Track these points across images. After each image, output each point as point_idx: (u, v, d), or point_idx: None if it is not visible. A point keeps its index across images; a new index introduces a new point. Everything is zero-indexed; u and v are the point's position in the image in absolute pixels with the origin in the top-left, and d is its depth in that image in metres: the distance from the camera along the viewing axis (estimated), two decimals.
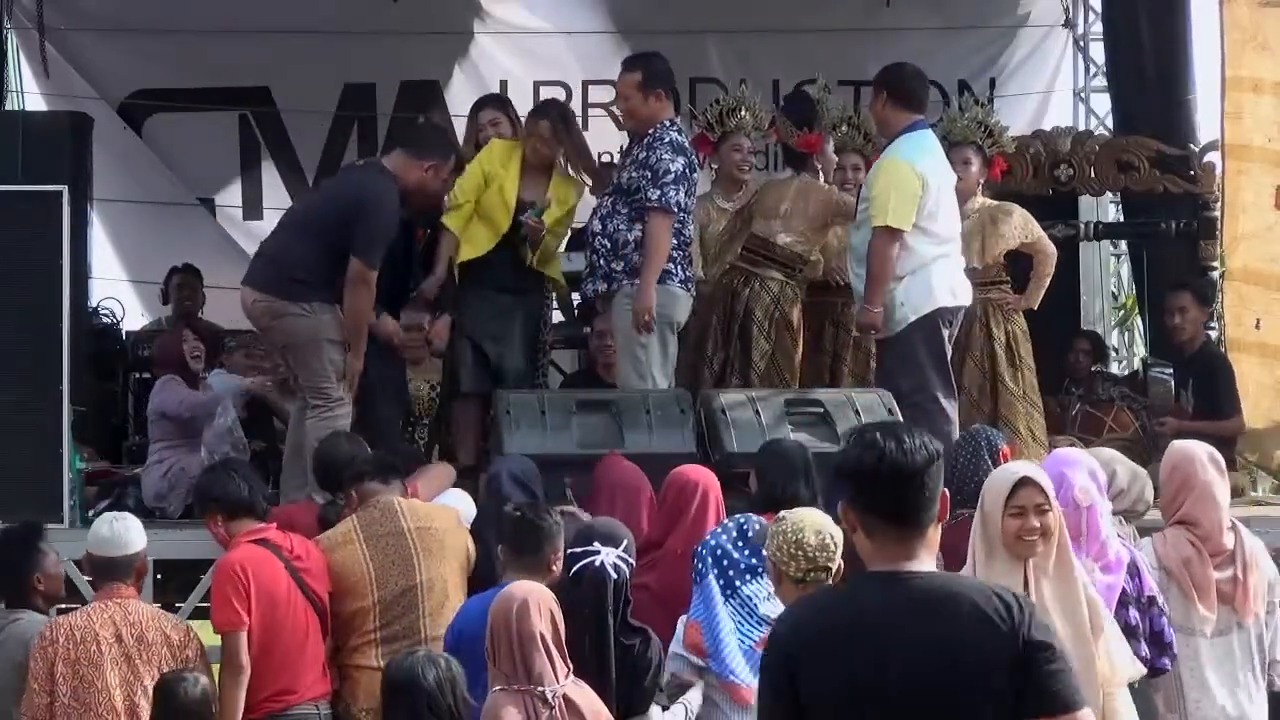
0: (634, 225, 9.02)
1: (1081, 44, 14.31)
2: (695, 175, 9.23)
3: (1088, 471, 6.51)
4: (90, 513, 9.04)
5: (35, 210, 8.74)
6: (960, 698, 3.94)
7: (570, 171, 9.52)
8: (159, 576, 8.60)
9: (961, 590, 4.03)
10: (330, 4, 13.41)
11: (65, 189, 8.75)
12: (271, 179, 13.81)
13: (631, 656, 6.29)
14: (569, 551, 6.40)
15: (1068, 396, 11.22)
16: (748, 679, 6.33)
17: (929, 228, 8.84)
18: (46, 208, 8.70)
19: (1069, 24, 14.37)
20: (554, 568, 6.38)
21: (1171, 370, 11.11)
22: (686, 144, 9.21)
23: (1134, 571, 6.55)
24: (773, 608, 6.31)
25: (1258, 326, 10.16)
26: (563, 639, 5.81)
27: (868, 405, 8.66)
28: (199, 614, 8.02)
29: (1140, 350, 13.32)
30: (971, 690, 3.94)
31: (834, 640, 4.01)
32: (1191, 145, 11.40)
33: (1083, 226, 11.59)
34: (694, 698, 6.48)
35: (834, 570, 5.82)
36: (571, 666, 5.82)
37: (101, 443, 10.33)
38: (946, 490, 4.11)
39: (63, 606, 8.52)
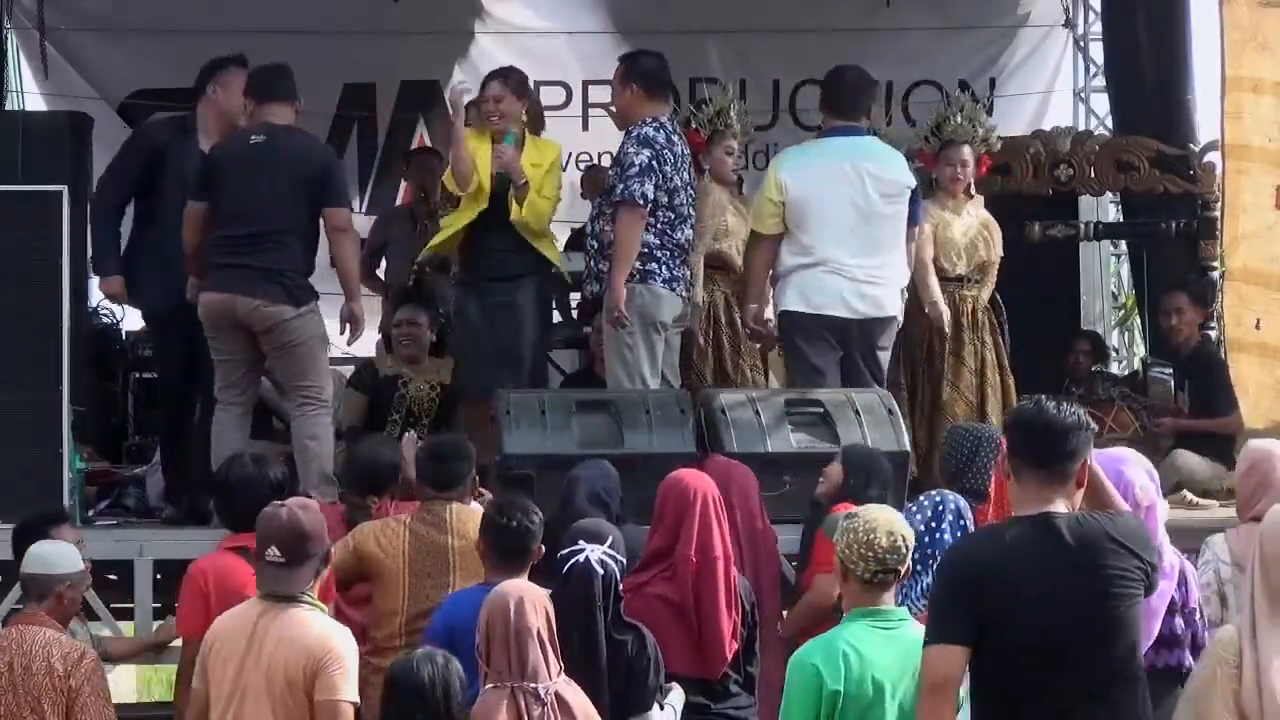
0: (614, 224, 9.02)
1: (1081, 44, 14.31)
2: (669, 168, 9.04)
3: (1145, 470, 6.53)
4: (90, 512, 9.06)
5: (35, 210, 8.75)
6: (1106, 615, 5.10)
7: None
8: (159, 577, 8.60)
9: (1101, 528, 5.15)
10: (330, 4, 13.42)
11: (65, 189, 8.75)
12: None
13: (626, 655, 6.28)
14: (559, 554, 6.42)
15: (1067, 396, 11.21)
16: None
17: (797, 236, 9.00)
18: (46, 208, 8.70)
19: (1069, 24, 14.37)
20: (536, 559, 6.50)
21: (1170, 370, 11.12)
22: (661, 138, 9.05)
23: (1182, 581, 6.54)
24: None
25: (1258, 326, 10.14)
26: (555, 637, 5.82)
27: (868, 405, 8.67)
28: None
29: (1140, 350, 13.32)
30: (1115, 609, 5.11)
31: (1013, 567, 5.10)
32: (1191, 145, 11.40)
33: (1083, 226, 11.59)
34: (676, 698, 6.48)
35: (903, 573, 5.73)
36: (563, 665, 5.83)
37: (101, 443, 10.33)
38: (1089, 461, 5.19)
39: None
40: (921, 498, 7.20)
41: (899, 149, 9.50)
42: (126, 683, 15.78)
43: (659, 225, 9.00)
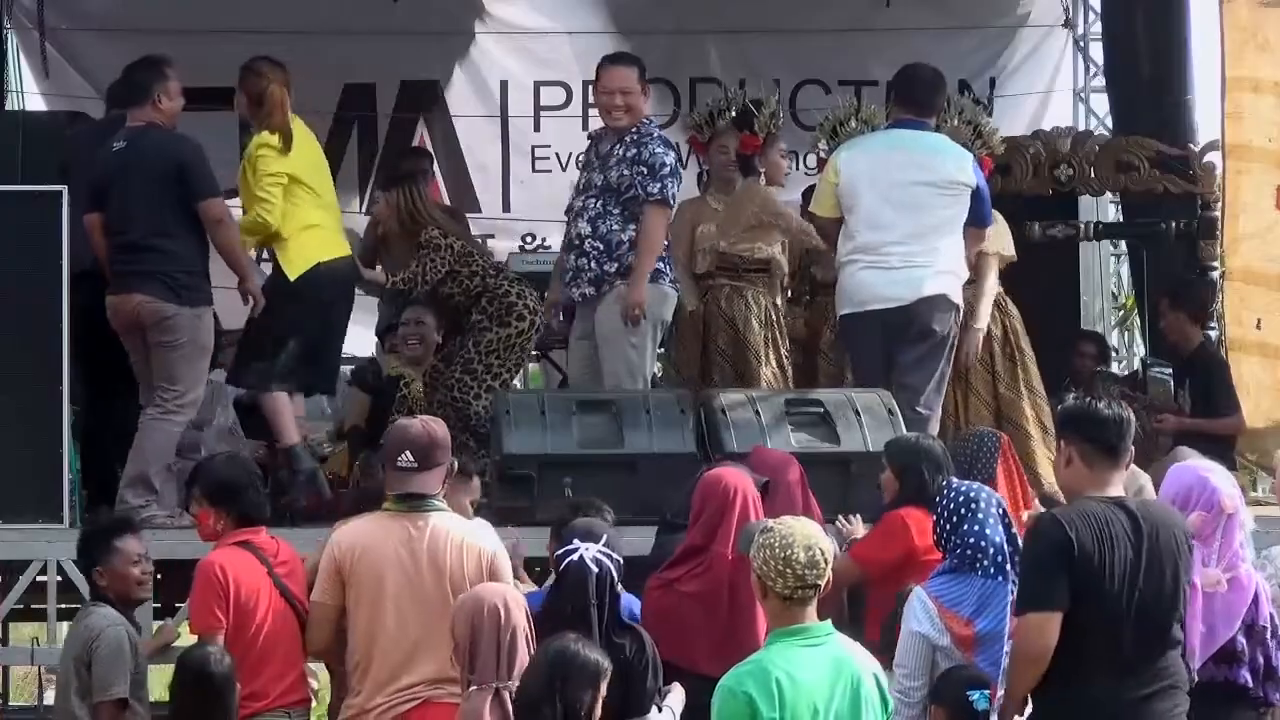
0: (628, 225, 9.01)
1: (1081, 44, 14.31)
2: (681, 173, 9.26)
3: (1228, 479, 6.54)
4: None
5: (35, 210, 8.74)
6: (1172, 592, 5.87)
7: None
8: (159, 576, 8.59)
9: (1159, 512, 6.03)
10: (330, 4, 13.41)
11: (65, 189, 8.75)
12: None
13: (624, 656, 6.26)
14: (554, 554, 6.44)
15: (1068, 396, 11.20)
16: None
17: (846, 220, 9.04)
18: (46, 208, 8.69)
19: (1069, 24, 14.36)
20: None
21: (1170, 370, 11.12)
22: (672, 139, 9.26)
23: (1255, 598, 6.53)
24: None
25: (1258, 326, 10.15)
26: (532, 639, 5.89)
27: (868, 405, 8.66)
28: None
29: (1140, 350, 13.32)
30: (1177, 588, 5.88)
31: (1100, 540, 5.81)
32: (1191, 145, 11.39)
33: (1083, 226, 11.58)
34: (676, 700, 6.45)
35: (823, 586, 5.68)
36: None
37: None
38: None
39: (62, 607, 8.58)
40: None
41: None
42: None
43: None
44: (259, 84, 8.94)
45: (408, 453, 6.64)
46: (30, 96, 13.53)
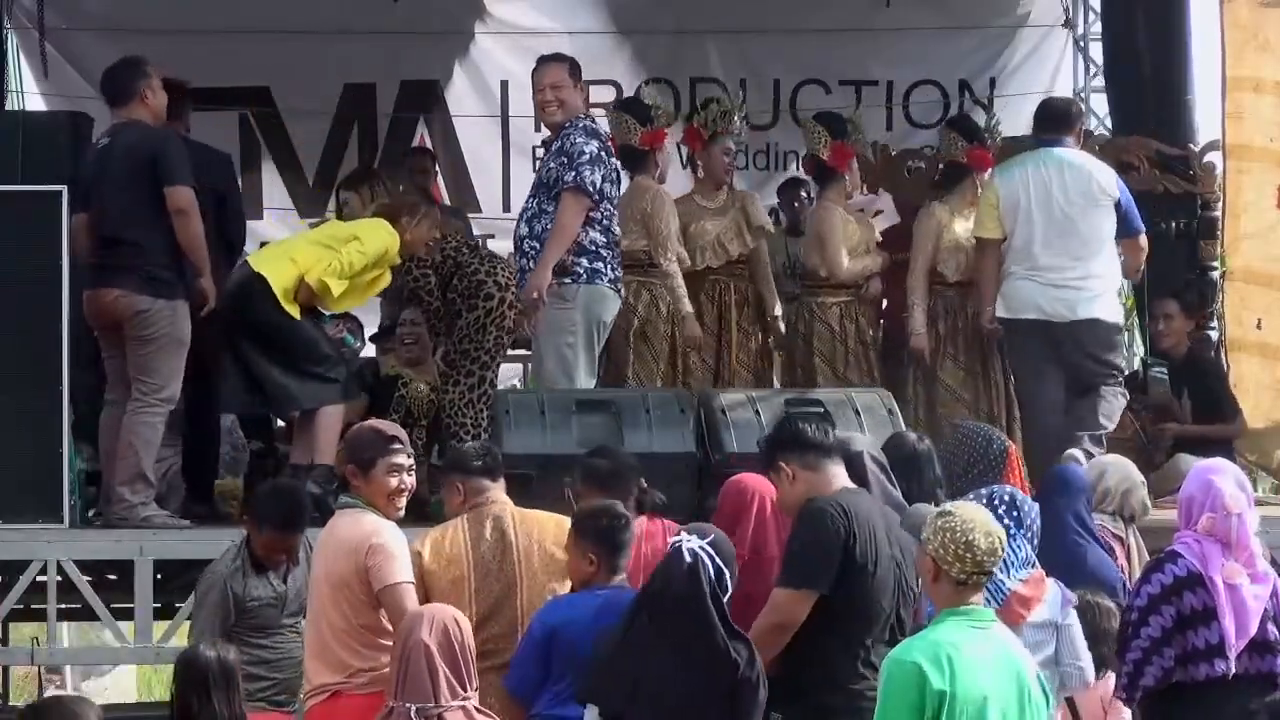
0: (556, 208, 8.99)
1: (1081, 44, 14.30)
2: (614, 161, 9.13)
3: (1234, 479, 6.53)
4: (90, 513, 9.05)
5: (35, 210, 8.75)
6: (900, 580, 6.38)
7: None
8: (159, 577, 8.60)
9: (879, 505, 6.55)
10: (330, 4, 13.40)
11: (65, 189, 8.75)
12: (271, 179, 13.80)
13: (739, 666, 6.07)
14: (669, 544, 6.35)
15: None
16: None
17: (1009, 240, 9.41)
18: (46, 208, 8.70)
19: (1069, 24, 14.35)
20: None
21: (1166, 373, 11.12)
22: (601, 131, 9.17)
23: (1273, 593, 6.54)
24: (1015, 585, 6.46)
25: (1258, 326, 10.17)
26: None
27: (868, 405, 8.67)
28: None
29: (1140, 350, 13.31)
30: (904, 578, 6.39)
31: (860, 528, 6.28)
32: (1192, 145, 11.39)
33: None
34: None
35: (993, 575, 5.68)
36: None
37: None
38: None
39: (62, 608, 8.59)
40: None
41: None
42: (128, 681, 15.81)
43: (603, 221, 9.00)
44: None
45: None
46: (30, 96, 13.52)
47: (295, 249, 9.05)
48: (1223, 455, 9.77)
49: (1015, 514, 6.64)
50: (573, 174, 8.89)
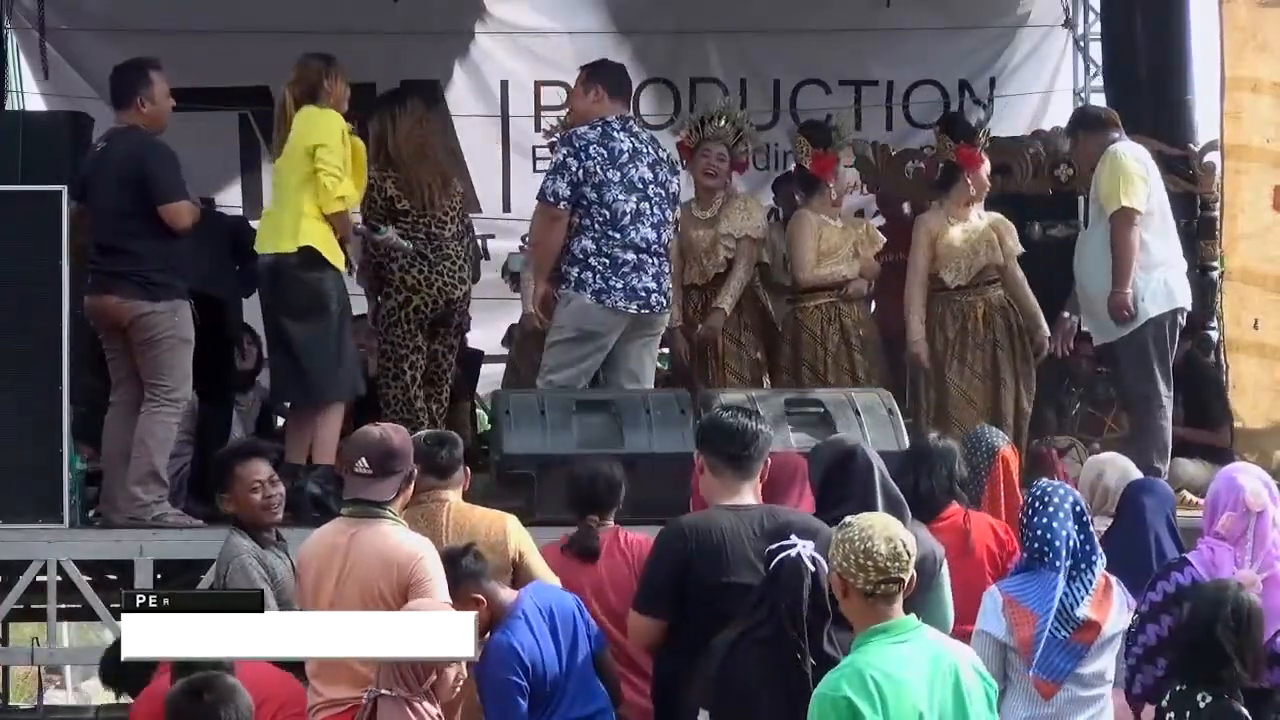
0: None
1: (1081, 44, 14.33)
2: (595, 163, 8.91)
3: (1258, 478, 6.53)
4: (90, 513, 9.06)
5: (35, 210, 8.75)
6: None
7: None
8: (159, 577, 8.61)
9: (797, 521, 6.21)
10: (330, 4, 13.41)
11: (65, 189, 8.76)
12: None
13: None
14: (768, 549, 5.98)
15: (1068, 396, 11.21)
16: (1057, 675, 6.25)
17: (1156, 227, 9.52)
18: (46, 208, 8.71)
19: (1069, 24, 14.38)
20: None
21: None
22: (592, 135, 8.95)
23: None
24: (1085, 611, 6.26)
25: (1256, 327, 10.16)
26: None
27: (868, 405, 8.67)
28: None
29: None
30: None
31: (718, 549, 6.23)
32: (1191, 145, 11.41)
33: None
34: None
35: (907, 581, 5.31)
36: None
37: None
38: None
39: (62, 607, 8.59)
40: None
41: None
42: None
43: (596, 227, 8.93)
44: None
45: (363, 459, 6.57)
46: (30, 96, 13.53)
47: (290, 204, 8.92)
48: (1221, 457, 9.84)
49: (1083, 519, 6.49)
50: (539, 186, 9.07)
